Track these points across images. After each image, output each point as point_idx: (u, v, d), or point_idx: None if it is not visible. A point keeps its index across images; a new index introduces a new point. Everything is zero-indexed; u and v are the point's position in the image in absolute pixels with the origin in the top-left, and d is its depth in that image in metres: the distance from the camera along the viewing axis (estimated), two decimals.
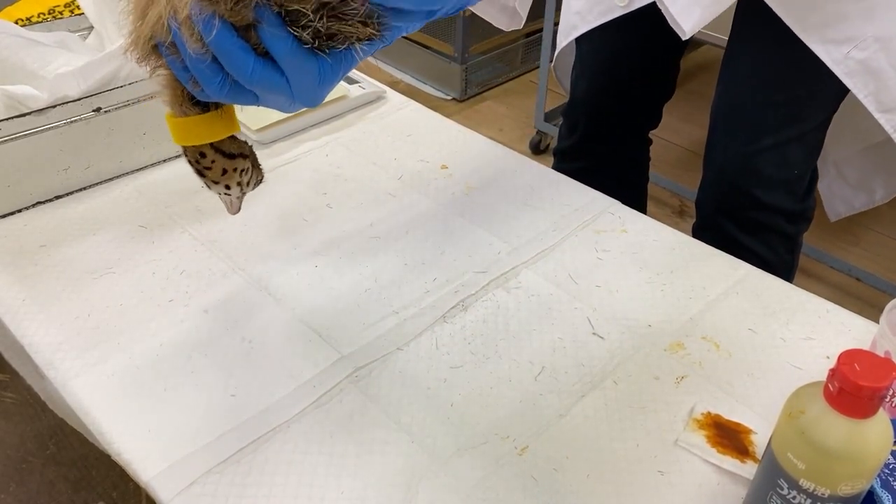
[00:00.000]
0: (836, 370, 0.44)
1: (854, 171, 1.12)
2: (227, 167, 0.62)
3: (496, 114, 2.30)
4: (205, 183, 0.64)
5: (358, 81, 1.06)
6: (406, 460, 0.59)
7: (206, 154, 0.61)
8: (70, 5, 1.15)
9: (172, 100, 0.57)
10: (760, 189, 0.94)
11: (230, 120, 0.59)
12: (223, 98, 0.50)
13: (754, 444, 0.61)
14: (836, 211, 1.18)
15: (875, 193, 1.12)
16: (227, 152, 0.62)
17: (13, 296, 0.74)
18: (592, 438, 0.61)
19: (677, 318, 0.72)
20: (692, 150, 2.09)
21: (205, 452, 0.60)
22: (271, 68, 0.48)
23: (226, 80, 0.49)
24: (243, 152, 0.63)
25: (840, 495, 0.46)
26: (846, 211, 1.17)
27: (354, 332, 0.71)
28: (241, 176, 0.64)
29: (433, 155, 0.96)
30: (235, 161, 0.63)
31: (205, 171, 0.62)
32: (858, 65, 0.84)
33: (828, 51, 0.83)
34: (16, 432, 1.32)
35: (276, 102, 0.51)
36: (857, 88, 0.85)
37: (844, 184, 1.14)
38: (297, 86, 0.49)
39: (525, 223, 0.84)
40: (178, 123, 0.58)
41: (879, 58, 0.83)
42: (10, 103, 0.82)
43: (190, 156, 0.61)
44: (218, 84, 0.49)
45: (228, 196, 0.66)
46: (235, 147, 0.62)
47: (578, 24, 0.99)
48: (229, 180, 0.63)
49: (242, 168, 0.64)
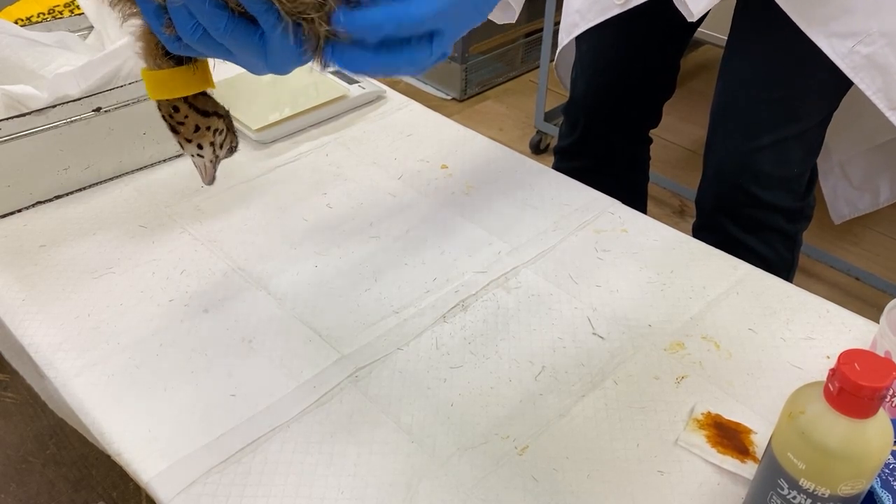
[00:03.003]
0: (837, 370, 0.44)
1: (858, 171, 1.11)
2: (200, 124, 0.62)
3: (496, 114, 2.30)
4: (178, 141, 0.63)
5: (358, 81, 1.06)
6: (406, 460, 0.59)
7: (180, 109, 0.60)
8: (70, 5, 1.15)
9: (146, 52, 0.56)
10: (760, 187, 0.94)
11: (204, 75, 0.59)
12: (195, 44, 0.48)
13: (754, 444, 0.61)
14: (840, 213, 1.17)
15: (880, 195, 1.11)
16: (202, 109, 0.61)
17: (13, 296, 0.74)
18: (592, 438, 0.61)
19: (677, 318, 0.72)
20: (692, 149, 2.09)
21: (205, 452, 0.60)
22: (245, 27, 0.45)
23: (199, 26, 0.46)
24: (218, 111, 0.63)
25: (840, 495, 0.46)
26: (850, 213, 1.15)
27: (354, 332, 0.70)
28: (215, 136, 0.63)
29: (433, 155, 0.96)
30: (209, 119, 0.62)
31: (178, 126, 0.61)
32: (864, 60, 0.82)
33: (832, 45, 0.82)
34: (16, 432, 1.32)
35: (248, 63, 0.49)
36: (864, 84, 0.84)
37: (849, 185, 1.13)
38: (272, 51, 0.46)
39: (525, 223, 0.84)
40: (152, 76, 0.57)
41: (887, 53, 0.82)
42: (10, 103, 0.82)
43: (164, 110, 0.61)
44: (190, 28, 0.46)
45: (202, 158, 0.65)
46: (210, 105, 0.62)
47: (579, 23, 0.99)
48: (202, 139, 0.63)
49: (217, 127, 0.63)
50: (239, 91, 1.03)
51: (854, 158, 1.10)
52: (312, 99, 1.01)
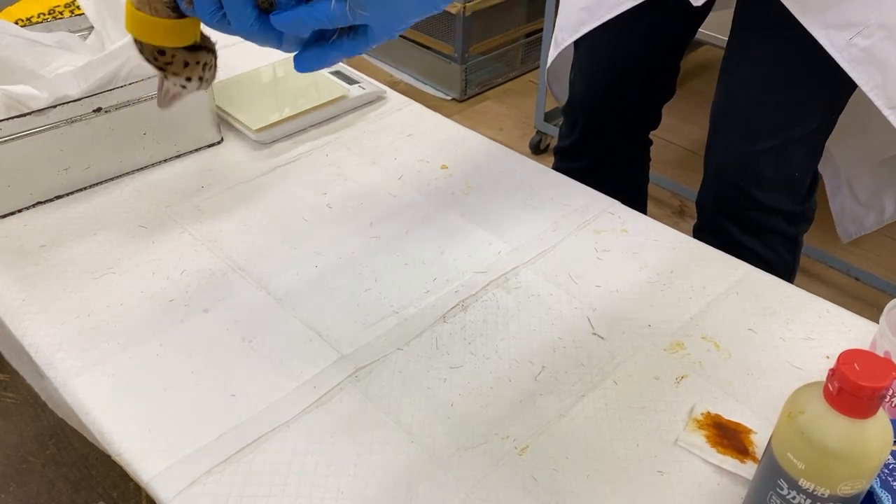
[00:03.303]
0: (836, 370, 0.44)
1: (865, 188, 1.09)
2: (188, 60, 0.59)
3: (496, 114, 2.30)
4: (164, 76, 0.61)
5: (358, 81, 1.06)
6: (406, 460, 0.59)
7: (166, 52, 0.58)
8: (70, 5, 1.15)
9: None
10: (760, 190, 0.93)
11: (197, 25, 0.57)
12: (212, 25, 0.49)
13: (754, 444, 0.61)
14: (847, 232, 1.14)
15: (885, 211, 1.09)
16: (190, 46, 0.58)
17: (13, 296, 0.74)
18: (592, 438, 0.61)
19: (677, 318, 0.72)
20: (692, 150, 2.09)
21: (205, 452, 0.60)
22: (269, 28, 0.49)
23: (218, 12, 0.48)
24: (206, 45, 0.60)
25: (840, 495, 0.46)
26: (857, 231, 1.13)
27: (354, 332, 0.71)
28: (204, 70, 0.61)
29: (433, 155, 0.96)
30: (198, 54, 0.60)
31: (165, 66, 0.59)
32: (862, 53, 0.80)
33: (829, 36, 0.80)
34: (16, 432, 1.32)
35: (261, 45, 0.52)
36: (861, 80, 0.81)
37: (856, 203, 1.10)
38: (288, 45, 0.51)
39: (525, 223, 0.84)
40: (145, 20, 0.54)
41: (886, 47, 0.79)
42: (10, 103, 0.82)
43: (147, 53, 0.58)
44: (210, 13, 0.48)
45: (184, 90, 0.62)
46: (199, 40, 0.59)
47: (587, 20, 0.97)
48: (191, 73, 0.60)
49: (205, 62, 0.60)
50: (239, 91, 1.03)
51: (861, 174, 1.08)
52: (312, 99, 1.01)
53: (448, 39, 2.25)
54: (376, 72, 2.46)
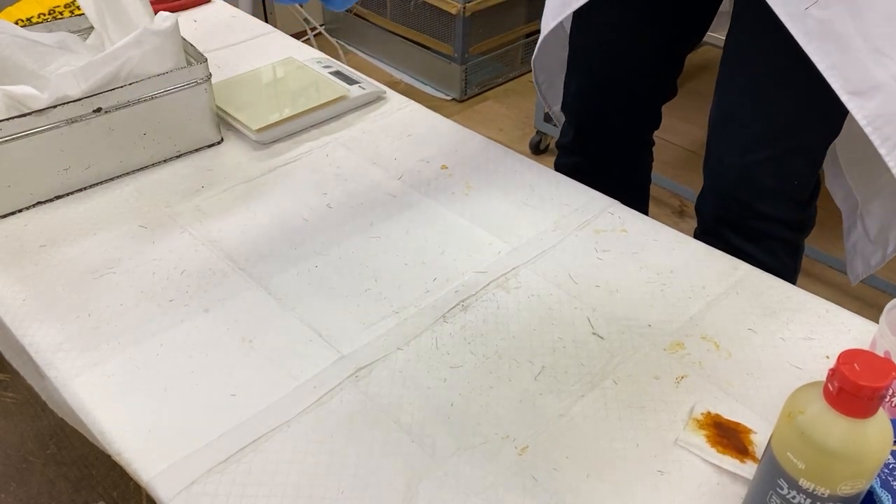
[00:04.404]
0: (836, 370, 0.44)
1: (875, 223, 1.05)
2: None
3: (496, 114, 2.30)
4: None
5: (358, 81, 1.06)
6: (406, 460, 0.59)
7: None
8: (70, 5, 1.15)
9: None
10: (760, 200, 0.91)
11: None
12: None
13: (754, 443, 0.61)
14: (856, 273, 1.10)
15: (888, 246, 1.04)
16: None
17: (13, 296, 0.74)
18: (592, 438, 0.61)
19: (677, 318, 0.72)
20: (692, 150, 2.09)
21: (205, 452, 0.60)
22: None
23: None
24: None
25: (840, 495, 0.46)
26: (864, 272, 1.09)
27: (354, 332, 0.71)
28: None
29: (433, 155, 0.96)
30: None
31: None
32: (819, 25, 0.73)
33: (785, 4, 0.74)
34: (16, 432, 1.32)
35: None
36: (816, 57, 0.74)
37: (867, 240, 1.06)
38: None
39: (525, 223, 0.84)
40: None
41: (845, 22, 0.72)
42: (10, 103, 0.82)
43: None
44: None
45: None
46: None
47: (572, 1, 0.92)
48: None
49: None
50: (239, 91, 1.03)
51: (872, 206, 1.04)
52: (312, 99, 1.01)
53: (448, 39, 2.25)
54: (376, 72, 2.46)
